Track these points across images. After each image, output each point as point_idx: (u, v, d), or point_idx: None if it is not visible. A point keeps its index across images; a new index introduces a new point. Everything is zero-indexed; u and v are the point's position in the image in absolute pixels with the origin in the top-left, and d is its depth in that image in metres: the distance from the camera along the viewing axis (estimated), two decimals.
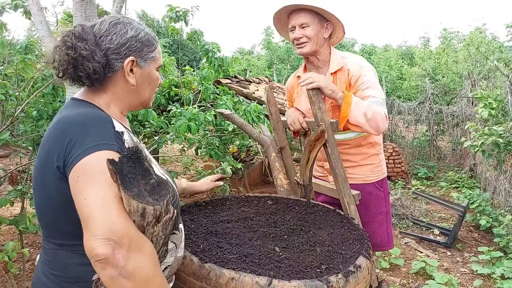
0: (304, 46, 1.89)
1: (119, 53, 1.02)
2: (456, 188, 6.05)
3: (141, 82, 1.09)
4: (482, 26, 8.42)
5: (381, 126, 1.78)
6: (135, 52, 1.04)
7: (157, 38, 1.15)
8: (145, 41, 1.06)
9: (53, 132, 0.95)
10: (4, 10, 3.06)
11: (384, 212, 2.08)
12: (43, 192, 0.97)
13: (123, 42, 1.02)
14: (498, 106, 4.25)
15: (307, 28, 1.85)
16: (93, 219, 0.80)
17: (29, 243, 3.63)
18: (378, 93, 1.84)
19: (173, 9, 3.42)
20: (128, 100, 1.09)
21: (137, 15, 23.08)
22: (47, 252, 1.00)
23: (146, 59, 1.07)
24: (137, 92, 1.09)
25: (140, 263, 0.81)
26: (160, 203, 0.80)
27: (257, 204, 1.82)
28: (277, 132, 2.19)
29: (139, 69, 1.07)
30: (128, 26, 1.04)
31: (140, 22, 1.11)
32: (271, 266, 1.22)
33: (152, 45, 1.09)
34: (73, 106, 1.02)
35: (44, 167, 0.94)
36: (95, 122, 0.93)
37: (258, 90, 5.41)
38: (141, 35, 1.06)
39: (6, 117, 2.54)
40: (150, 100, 1.17)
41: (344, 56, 1.94)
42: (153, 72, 1.11)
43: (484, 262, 3.55)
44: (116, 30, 1.02)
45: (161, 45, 1.22)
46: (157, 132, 3.24)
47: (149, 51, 1.08)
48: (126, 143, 0.97)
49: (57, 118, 0.99)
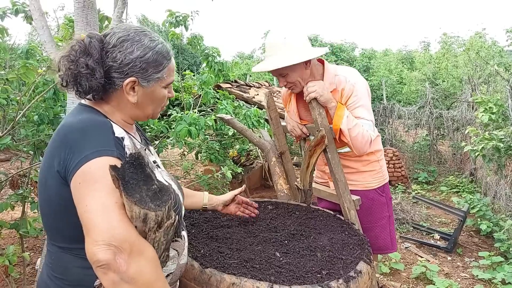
0: (293, 89, 1.88)
1: (121, 72, 1.00)
2: (457, 192, 6.04)
3: (143, 100, 1.06)
4: (481, 30, 8.45)
5: (364, 149, 1.79)
6: (138, 73, 1.01)
7: (170, 55, 1.09)
8: (151, 61, 1.03)
9: (56, 137, 0.96)
10: (5, 15, 3.08)
11: (387, 217, 2.08)
12: (45, 194, 0.98)
13: (126, 63, 1.00)
14: (499, 111, 4.25)
15: (288, 75, 1.81)
16: (94, 225, 0.80)
17: (29, 247, 3.62)
18: (369, 115, 1.82)
19: (173, 14, 3.45)
20: (130, 113, 1.08)
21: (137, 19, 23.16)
22: (51, 254, 1.01)
23: (149, 80, 1.04)
24: (139, 107, 1.07)
25: (141, 267, 0.81)
26: (161, 208, 0.81)
27: (258, 209, 1.82)
28: (277, 137, 2.19)
29: (141, 88, 1.04)
30: (135, 45, 1.01)
31: (155, 37, 1.06)
32: (272, 271, 1.22)
33: (160, 64, 1.05)
34: (78, 112, 1.02)
35: (48, 170, 0.95)
36: (94, 128, 0.93)
37: (258, 94, 5.43)
38: (148, 55, 1.02)
39: (7, 121, 2.55)
40: (155, 114, 1.14)
41: (337, 74, 1.88)
42: (157, 91, 1.07)
43: (484, 267, 3.54)
44: (122, 49, 1.00)
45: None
46: (158, 137, 3.25)
47: (155, 71, 1.04)
48: (127, 148, 0.97)
49: (61, 123, 1.00)
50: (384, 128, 8.09)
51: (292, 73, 1.79)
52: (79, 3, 2.29)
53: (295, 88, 1.87)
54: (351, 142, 1.75)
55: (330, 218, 1.73)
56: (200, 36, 3.81)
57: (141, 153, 0.84)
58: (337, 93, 1.85)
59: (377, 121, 8.12)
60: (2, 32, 2.90)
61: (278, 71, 1.79)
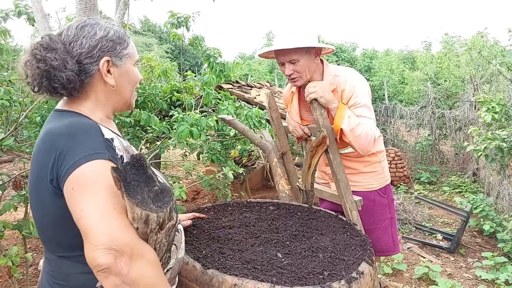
0: (297, 81, 1.86)
1: (92, 56, 0.99)
2: (459, 192, 6.03)
3: (121, 81, 1.06)
4: (483, 30, 8.43)
5: (368, 148, 1.78)
6: (108, 52, 1.01)
7: (128, 33, 1.11)
8: (116, 39, 1.03)
9: (42, 146, 0.93)
10: (8, 16, 3.10)
11: (389, 218, 2.07)
12: (40, 208, 0.96)
13: (94, 44, 0.99)
14: (501, 110, 4.23)
15: (297, 63, 1.79)
16: (92, 229, 0.79)
17: (32, 248, 3.64)
18: (371, 114, 1.82)
19: (175, 15, 3.45)
20: (111, 102, 1.07)
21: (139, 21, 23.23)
22: (50, 262, 1.00)
23: (121, 57, 1.04)
24: (118, 92, 1.06)
25: (143, 270, 0.81)
26: (163, 210, 0.81)
27: (259, 210, 1.82)
28: (278, 137, 2.19)
29: (116, 69, 1.04)
30: (96, 27, 1.01)
31: (107, 21, 1.07)
32: (274, 272, 1.22)
33: (124, 41, 1.06)
34: (58, 118, 0.99)
35: (38, 183, 0.93)
36: (83, 132, 0.91)
37: (260, 95, 5.42)
38: (110, 33, 1.02)
39: (10, 122, 2.56)
40: (132, 99, 1.13)
41: (337, 75, 1.88)
42: (130, 68, 1.08)
43: (488, 268, 3.52)
44: (84, 33, 0.99)
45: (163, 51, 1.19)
46: (159, 137, 3.25)
47: (122, 48, 1.05)
48: (117, 149, 0.95)
49: (44, 131, 0.97)
50: (386, 128, 8.07)
51: (303, 60, 1.79)
52: (81, 4, 2.30)
53: (299, 79, 1.85)
54: (354, 141, 1.74)
55: (332, 219, 1.73)
56: (201, 37, 3.81)
57: (142, 155, 0.84)
58: (336, 94, 1.85)
59: (379, 121, 8.11)
60: (5, 34, 2.91)
61: (289, 56, 1.78)
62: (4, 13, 3.08)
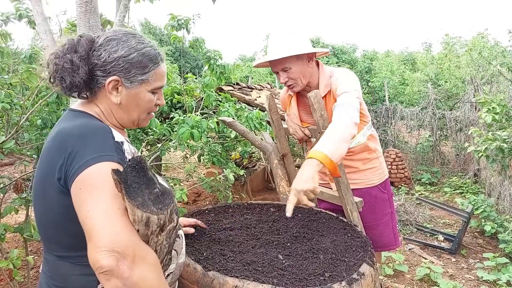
0: (294, 87, 1.86)
1: (104, 71, 1.01)
2: (460, 193, 6.02)
3: (127, 101, 1.05)
4: (484, 31, 8.43)
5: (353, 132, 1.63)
6: (121, 72, 1.01)
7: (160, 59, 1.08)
8: (135, 62, 1.02)
9: (52, 145, 0.95)
10: (8, 20, 3.11)
11: (389, 213, 2.11)
12: (44, 206, 0.97)
13: (109, 61, 1.00)
14: (502, 111, 4.23)
15: (290, 70, 1.79)
16: (96, 231, 0.80)
17: (33, 251, 3.64)
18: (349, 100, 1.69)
19: (175, 17, 3.46)
20: (117, 116, 1.07)
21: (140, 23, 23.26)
22: (49, 263, 1.00)
23: (132, 80, 1.03)
24: (124, 110, 1.06)
25: (144, 273, 0.81)
26: (164, 212, 0.81)
27: (260, 212, 1.83)
28: (279, 139, 2.20)
29: (125, 89, 1.03)
30: (121, 45, 1.01)
31: (145, 40, 1.06)
32: (275, 274, 1.22)
33: (146, 67, 1.04)
34: (71, 118, 1.02)
35: (46, 180, 0.94)
36: (95, 133, 0.92)
37: (260, 96, 5.43)
38: (132, 55, 1.01)
39: (11, 125, 2.56)
40: (142, 121, 1.11)
41: (331, 76, 1.88)
42: (143, 94, 1.06)
43: (489, 269, 3.52)
44: (107, 47, 1.01)
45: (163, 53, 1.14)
46: (160, 140, 3.25)
47: (139, 73, 1.03)
48: (126, 153, 0.96)
49: (56, 130, 0.99)
50: (386, 129, 8.07)
51: (295, 67, 1.79)
52: (81, 7, 2.31)
53: (296, 86, 1.85)
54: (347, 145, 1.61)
55: (333, 220, 1.73)
56: (202, 39, 3.82)
57: (143, 157, 0.84)
58: (330, 95, 1.86)
59: (380, 122, 8.11)
60: (6, 37, 2.93)
61: (281, 65, 1.78)
62: (5, 16, 3.09)
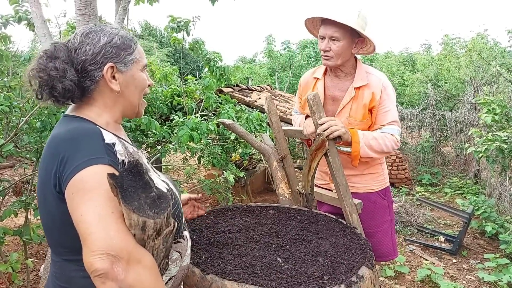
0: (329, 60, 1.86)
1: (96, 63, 1.00)
2: (461, 194, 6.01)
3: (126, 86, 1.06)
4: (483, 32, 8.43)
5: (390, 151, 1.90)
6: (112, 58, 1.02)
7: (135, 39, 1.11)
8: (120, 44, 1.04)
9: (47, 151, 0.96)
10: (8, 22, 3.11)
11: (389, 221, 2.07)
12: (46, 212, 0.98)
13: (97, 51, 1.00)
14: (502, 112, 4.22)
15: (337, 42, 1.80)
16: (89, 234, 0.80)
17: (33, 254, 3.63)
18: (395, 117, 1.90)
19: (175, 19, 3.46)
20: (118, 108, 1.07)
21: (140, 25, 23.29)
22: (55, 264, 1.02)
23: (125, 62, 1.04)
24: (125, 97, 1.07)
25: (140, 276, 0.81)
26: (160, 216, 0.81)
27: (259, 214, 1.82)
28: (278, 141, 2.19)
29: (121, 74, 1.04)
30: (100, 34, 1.02)
31: (113, 27, 1.08)
32: (273, 277, 1.22)
33: (129, 47, 1.06)
34: (64, 123, 1.02)
35: (44, 187, 0.95)
36: (84, 137, 0.92)
37: (260, 98, 5.43)
38: (115, 39, 1.03)
39: (10, 128, 2.56)
40: (140, 106, 1.13)
41: (370, 72, 1.91)
42: (137, 74, 1.08)
43: (490, 270, 3.51)
44: (88, 40, 1.01)
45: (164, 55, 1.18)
46: (160, 142, 3.25)
47: (127, 54, 1.05)
48: (118, 154, 0.95)
49: (51, 136, 0.99)
50: None
51: (343, 42, 1.81)
52: (80, 9, 2.31)
53: (331, 59, 1.85)
54: (377, 155, 1.87)
55: (332, 222, 1.72)
56: (201, 41, 3.82)
57: (140, 161, 0.84)
58: (367, 90, 1.87)
59: None
60: (5, 40, 2.93)
61: (335, 31, 1.79)
62: (4, 19, 3.10)
